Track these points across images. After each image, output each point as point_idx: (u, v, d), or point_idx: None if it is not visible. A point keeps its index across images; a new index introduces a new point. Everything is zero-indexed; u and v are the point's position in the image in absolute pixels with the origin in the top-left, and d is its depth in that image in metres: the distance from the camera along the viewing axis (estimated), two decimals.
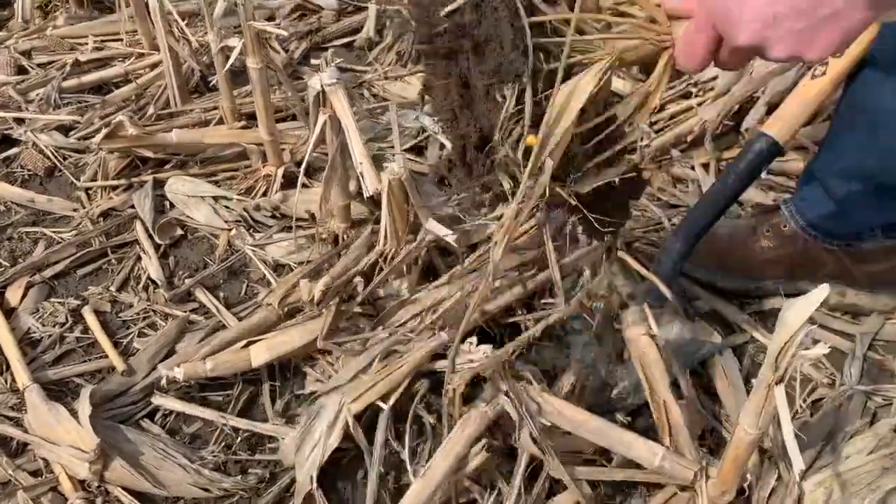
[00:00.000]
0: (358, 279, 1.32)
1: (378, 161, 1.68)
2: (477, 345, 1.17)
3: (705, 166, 1.72)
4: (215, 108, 1.80)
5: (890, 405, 1.24)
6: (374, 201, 1.43)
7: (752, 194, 1.62)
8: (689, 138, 1.71)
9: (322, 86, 1.30)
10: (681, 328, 1.31)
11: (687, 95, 1.84)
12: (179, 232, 1.57)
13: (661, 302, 1.30)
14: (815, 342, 0.81)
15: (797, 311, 0.78)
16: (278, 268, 1.50)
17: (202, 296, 1.43)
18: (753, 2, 0.70)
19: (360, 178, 1.29)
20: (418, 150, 1.78)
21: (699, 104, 1.77)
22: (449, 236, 1.27)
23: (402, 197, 1.27)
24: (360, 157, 1.28)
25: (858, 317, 1.41)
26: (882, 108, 1.21)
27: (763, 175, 1.40)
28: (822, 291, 0.78)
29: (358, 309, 1.32)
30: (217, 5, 1.59)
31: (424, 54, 0.88)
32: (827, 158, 1.33)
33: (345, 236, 1.50)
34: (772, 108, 1.67)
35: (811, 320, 0.79)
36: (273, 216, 1.58)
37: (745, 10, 0.70)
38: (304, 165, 1.36)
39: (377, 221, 1.51)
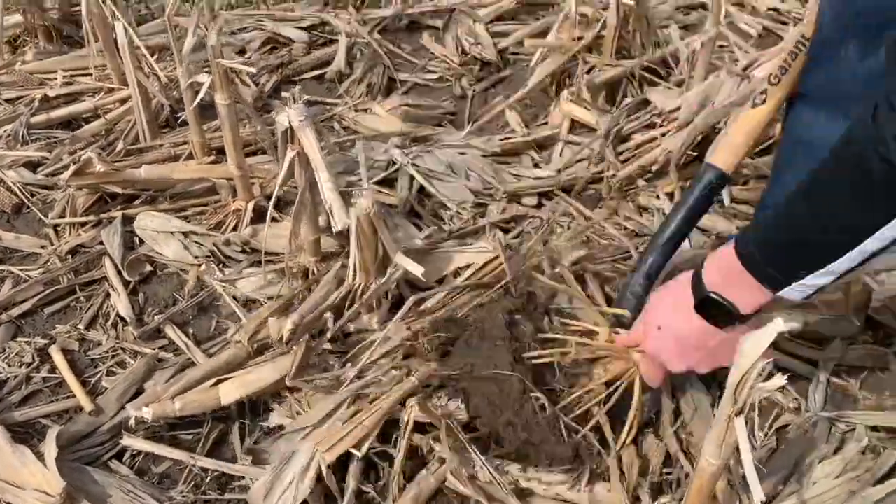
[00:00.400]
0: (328, 315, 1.32)
1: (348, 195, 1.69)
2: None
3: (670, 195, 1.75)
4: (185, 142, 1.80)
5: (854, 430, 1.26)
6: (345, 235, 1.44)
7: (716, 222, 1.65)
8: (654, 168, 1.74)
9: (290, 123, 1.31)
10: None
11: (651, 126, 1.88)
12: (149, 268, 1.56)
13: (656, 408, 1.32)
14: (777, 371, 0.82)
15: (754, 344, 0.80)
16: (248, 303, 1.50)
17: (171, 333, 1.43)
18: (670, 355, 1.12)
19: (329, 214, 1.30)
20: (389, 182, 1.79)
21: (663, 135, 1.80)
22: (417, 270, 1.29)
23: (371, 232, 1.28)
24: (328, 193, 1.29)
25: (822, 342, 1.44)
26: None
27: (726, 202, 1.42)
28: (776, 325, 0.79)
29: (328, 345, 1.32)
30: (186, 41, 1.61)
31: None
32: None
33: (315, 270, 1.50)
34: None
35: (768, 352, 0.81)
36: (243, 251, 1.58)
37: (667, 359, 1.13)
38: (273, 200, 1.37)
39: (348, 255, 1.52)
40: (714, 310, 1.03)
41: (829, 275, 0.90)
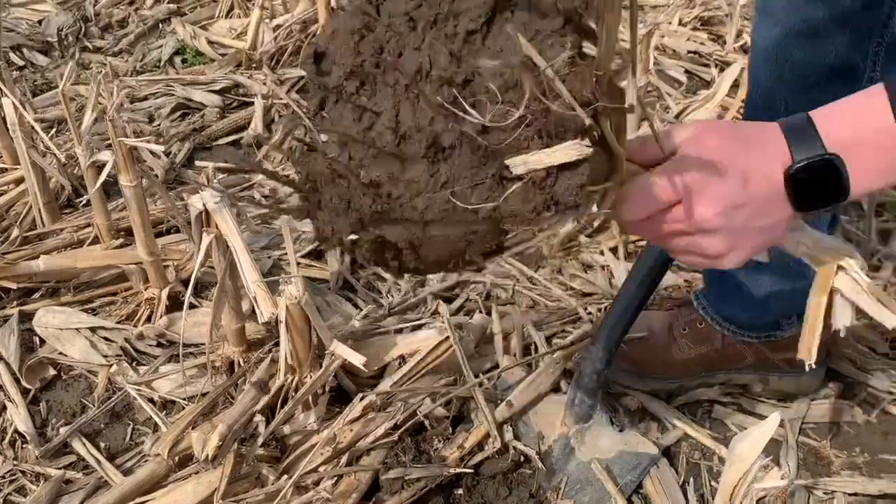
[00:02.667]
0: (258, 417, 1.18)
1: (276, 272, 1.56)
2: None
3: (613, 250, 1.68)
4: (89, 225, 1.64)
5: (832, 498, 1.19)
6: (273, 325, 1.31)
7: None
8: (596, 224, 1.67)
9: (204, 205, 1.18)
10: (611, 440, 1.23)
11: None
12: (52, 372, 1.39)
13: (586, 420, 1.23)
14: (770, 468, 0.74)
15: (750, 444, 0.72)
16: (167, 405, 1.34)
17: (80, 447, 1.25)
18: (719, 189, 0.72)
19: (254, 303, 1.17)
20: (318, 254, 1.67)
21: None
22: (357, 360, 1.16)
23: (302, 322, 1.15)
24: (251, 282, 1.16)
25: (785, 400, 1.38)
26: None
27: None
28: (773, 421, 0.71)
29: (261, 450, 1.18)
30: (85, 117, 1.46)
31: None
32: None
33: (241, 361, 1.36)
34: None
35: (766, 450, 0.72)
36: (159, 344, 1.43)
37: (711, 194, 0.72)
38: (190, 288, 1.22)
39: (277, 342, 1.38)
40: (820, 180, 0.72)
41: None
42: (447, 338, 1.26)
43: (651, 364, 1.37)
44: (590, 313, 1.53)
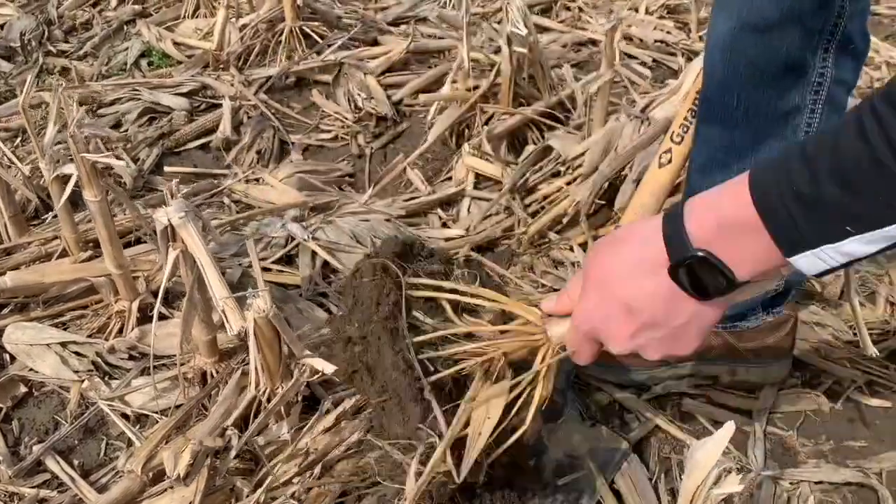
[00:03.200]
0: (231, 430, 1.19)
1: (246, 280, 1.56)
2: None
3: (583, 245, 1.70)
4: (57, 237, 1.63)
5: (798, 489, 1.22)
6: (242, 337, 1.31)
7: None
8: (565, 220, 1.69)
9: (169, 220, 1.18)
10: (583, 436, 1.25)
11: (556, 174, 1.83)
12: (23, 389, 1.38)
13: (557, 417, 1.25)
14: (729, 472, 0.75)
15: (707, 452, 0.74)
16: (141, 418, 1.34)
17: (54, 465, 1.25)
18: (616, 328, 0.83)
19: (223, 316, 1.17)
20: (288, 259, 1.67)
21: (569, 183, 1.75)
22: (328, 369, 1.17)
23: (271, 334, 1.16)
24: (219, 296, 1.16)
25: (753, 391, 1.40)
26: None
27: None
28: (727, 430, 0.73)
29: (234, 462, 1.18)
30: (47, 131, 1.45)
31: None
32: None
33: (213, 372, 1.36)
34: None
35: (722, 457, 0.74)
36: (131, 357, 1.42)
37: (610, 335, 0.84)
38: (158, 301, 1.22)
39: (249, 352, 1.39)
40: (699, 274, 0.75)
41: (880, 241, 0.66)
42: None
43: (620, 358, 1.38)
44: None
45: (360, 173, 2.01)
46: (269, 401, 1.21)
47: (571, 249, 1.69)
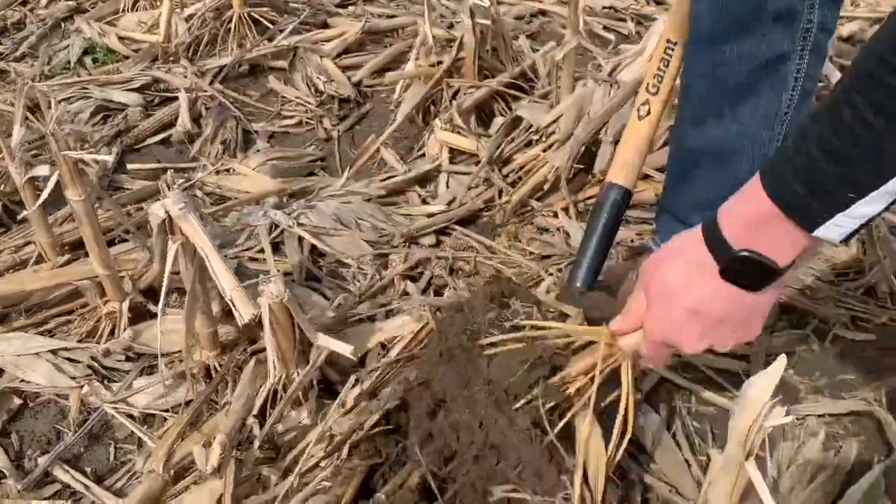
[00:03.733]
0: (251, 420, 1.17)
1: (242, 272, 1.53)
2: None
3: (565, 210, 1.72)
4: (28, 243, 1.57)
5: (804, 423, 1.27)
6: (251, 326, 1.29)
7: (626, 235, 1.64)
8: (546, 187, 1.71)
9: (168, 212, 1.14)
10: None
11: (529, 143, 1.85)
12: (17, 401, 1.33)
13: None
14: (774, 408, 0.78)
15: (760, 388, 0.76)
16: (148, 418, 1.31)
17: (63, 475, 1.21)
18: (687, 334, 0.89)
19: (231, 305, 1.15)
20: (274, 247, 1.64)
21: (545, 150, 1.77)
22: (346, 350, 1.16)
23: (286, 319, 1.14)
24: (227, 285, 1.14)
25: None
26: (715, 145, 1.25)
27: None
28: (779, 364, 0.76)
29: (257, 453, 1.17)
30: (14, 132, 1.39)
31: None
32: (679, 194, 1.36)
33: (217, 366, 1.34)
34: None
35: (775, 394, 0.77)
36: (127, 359, 1.39)
37: (681, 340, 0.90)
38: (163, 296, 1.18)
39: (251, 341, 1.37)
40: (747, 270, 0.83)
41: (882, 199, 0.73)
42: (426, 322, 1.27)
43: (619, 310, 1.42)
44: (551, 274, 1.57)
45: (331, 157, 1.99)
46: (284, 388, 1.20)
47: (555, 215, 1.71)
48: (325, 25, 2.49)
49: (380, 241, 1.64)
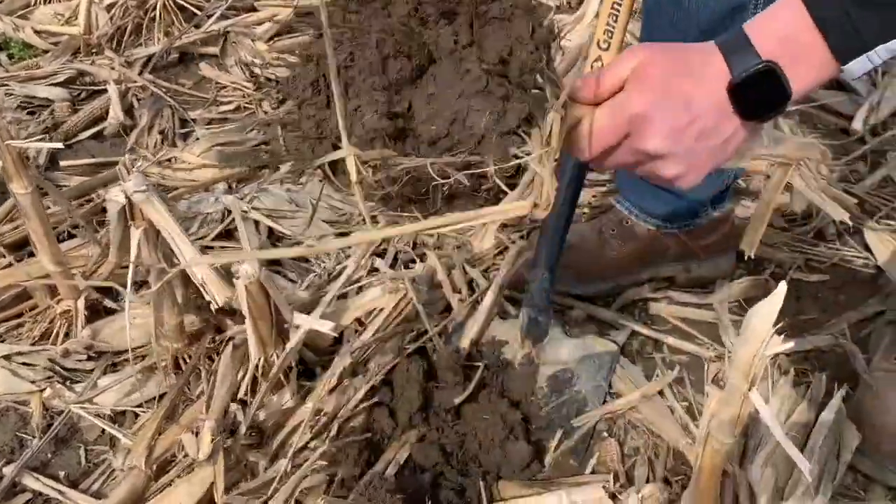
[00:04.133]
0: (234, 406, 1.13)
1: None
2: None
3: None
4: None
5: (776, 361, 1.31)
6: (225, 310, 1.25)
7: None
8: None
9: (129, 197, 1.09)
10: (571, 349, 1.29)
11: None
12: None
13: (543, 337, 1.27)
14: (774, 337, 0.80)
15: (763, 316, 0.77)
16: (118, 417, 1.25)
17: (33, 482, 1.15)
18: (666, 119, 0.78)
19: (203, 290, 1.11)
20: (227, 234, 1.59)
21: None
22: (326, 327, 1.14)
23: (262, 300, 1.11)
24: (198, 268, 1.09)
25: (706, 286, 1.49)
26: None
27: None
28: (780, 291, 0.77)
29: (243, 439, 1.13)
30: None
31: None
32: None
33: (186, 357, 1.29)
34: None
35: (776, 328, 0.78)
36: (89, 357, 1.32)
37: (656, 124, 0.79)
38: (129, 288, 1.13)
39: (218, 329, 1.33)
40: (761, 87, 0.78)
41: None
42: (405, 293, 1.25)
43: (587, 269, 1.43)
44: (514, 241, 1.57)
45: (274, 140, 1.94)
46: (264, 372, 1.16)
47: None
48: (253, 9, 2.41)
49: (339, 220, 1.61)
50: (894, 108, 1.90)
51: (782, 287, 0.77)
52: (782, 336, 0.81)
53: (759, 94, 0.78)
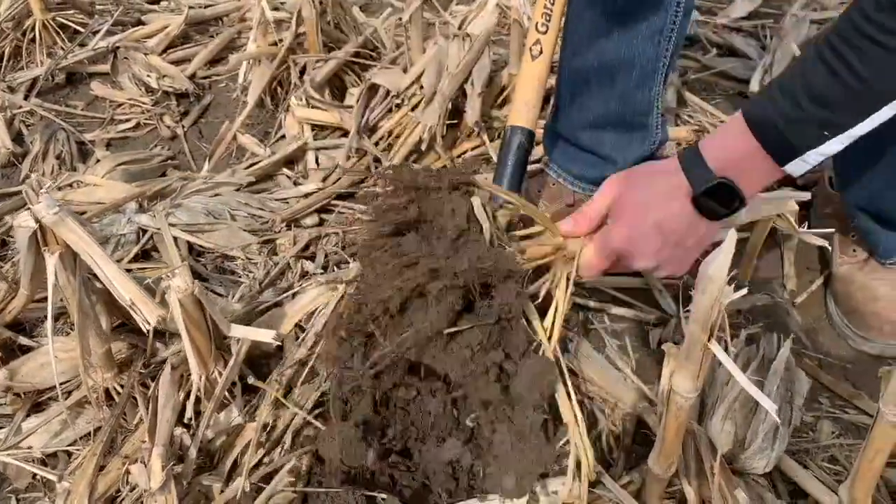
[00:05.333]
0: (179, 430, 1.07)
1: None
2: None
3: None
4: None
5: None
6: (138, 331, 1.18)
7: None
8: (423, 147, 1.68)
9: (39, 220, 1.01)
10: None
11: (391, 110, 1.81)
12: None
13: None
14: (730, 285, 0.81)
15: (718, 264, 0.78)
16: (49, 459, 1.16)
17: None
18: (646, 245, 0.99)
19: (132, 311, 1.04)
20: (146, 254, 1.51)
21: (413, 109, 1.75)
22: (267, 336, 1.09)
23: (198, 313, 1.05)
24: (124, 287, 1.02)
25: None
26: (605, 63, 1.30)
27: None
28: (730, 239, 0.78)
29: (193, 463, 1.07)
30: None
31: None
32: (570, 115, 1.40)
33: (117, 387, 1.21)
34: (485, 96, 1.72)
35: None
36: (8, 402, 1.22)
37: (639, 250, 1.00)
38: (50, 321, 1.05)
39: (148, 354, 1.25)
40: (719, 198, 0.95)
41: (846, 139, 0.87)
42: (343, 294, 1.22)
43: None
44: None
45: (181, 154, 1.86)
46: (206, 392, 1.10)
47: None
48: (140, 23, 2.31)
49: (261, 228, 1.55)
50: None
51: (732, 234, 0.78)
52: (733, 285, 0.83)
53: (718, 202, 0.96)
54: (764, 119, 0.90)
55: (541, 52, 1.25)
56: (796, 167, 0.91)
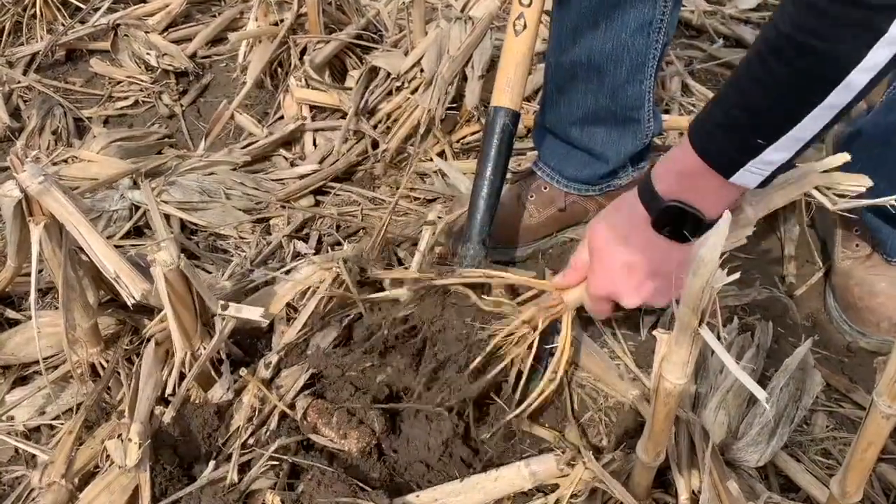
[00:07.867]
0: (157, 408, 1.05)
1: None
2: None
3: (441, 155, 1.69)
4: None
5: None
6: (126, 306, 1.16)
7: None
8: (422, 131, 1.66)
9: (24, 190, 1.00)
10: None
11: (391, 93, 1.79)
12: None
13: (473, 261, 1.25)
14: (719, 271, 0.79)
15: (711, 246, 0.75)
16: (32, 433, 1.15)
17: None
18: (623, 286, 0.99)
19: (117, 284, 1.02)
20: (138, 231, 1.50)
21: (413, 92, 1.73)
22: (254, 314, 1.07)
23: (183, 288, 1.03)
24: (109, 260, 1.01)
25: None
26: (593, 56, 1.26)
27: None
28: (724, 221, 0.75)
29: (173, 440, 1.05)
30: None
31: None
32: (558, 110, 1.37)
33: (103, 361, 1.20)
34: (486, 80, 1.70)
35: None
36: None
37: (620, 292, 1.00)
38: (33, 292, 1.04)
39: (135, 330, 1.24)
40: (677, 222, 0.92)
41: (789, 146, 0.82)
42: (338, 274, 1.20)
43: (506, 234, 1.41)
44: (441, 217, 1.53)
45: (179, 133, 1.85)
46: (190, 368, 1.09)
47: (431, 160, 1.67)
48: (142, 1, 2.29)
49: (256, 208, 1.53)
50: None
51: (727, 216, 0.76)
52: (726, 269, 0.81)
53: (678, 225, 0.92)
54: (702, 132, 0.87)
55: (524, 27, 1.21)
56: (744, 179, 0.86)
